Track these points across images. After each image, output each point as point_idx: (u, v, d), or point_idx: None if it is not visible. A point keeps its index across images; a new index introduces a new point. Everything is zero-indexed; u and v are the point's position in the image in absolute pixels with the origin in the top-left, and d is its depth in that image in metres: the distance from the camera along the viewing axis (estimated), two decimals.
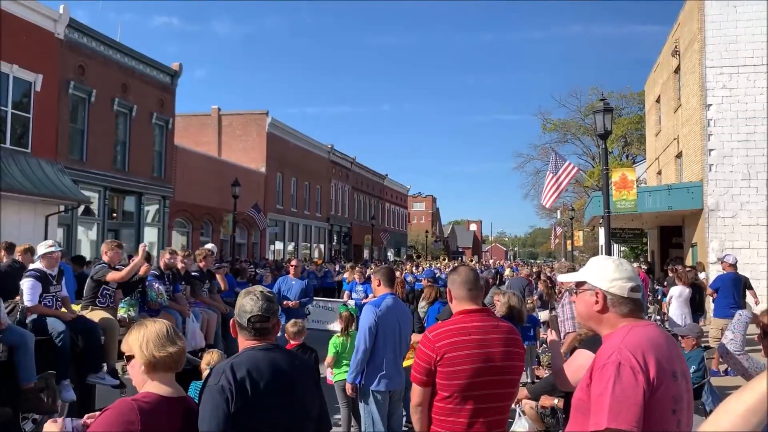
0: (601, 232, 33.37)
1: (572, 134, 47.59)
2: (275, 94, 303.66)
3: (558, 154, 15.45)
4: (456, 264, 28.62)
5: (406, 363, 5.56)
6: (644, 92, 31.38)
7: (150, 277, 7.90)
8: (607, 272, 2.40)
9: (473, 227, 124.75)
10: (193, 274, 9.12)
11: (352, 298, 13.25)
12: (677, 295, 10.96)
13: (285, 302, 9.77)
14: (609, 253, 13.00)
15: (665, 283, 15.09)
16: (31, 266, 6.97)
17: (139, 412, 2.32)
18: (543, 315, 12.72)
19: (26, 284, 6.54)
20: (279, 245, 37.14)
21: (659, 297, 15.98)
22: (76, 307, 7.33)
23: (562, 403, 4.02)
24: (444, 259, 49.01)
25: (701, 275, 14.09)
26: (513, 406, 5.15)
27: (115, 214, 23.03)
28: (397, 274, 18.46)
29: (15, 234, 16.51)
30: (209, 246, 10.98)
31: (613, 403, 2.04)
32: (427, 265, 31.11)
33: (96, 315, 7.05)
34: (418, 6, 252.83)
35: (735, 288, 10.87)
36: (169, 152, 25.66)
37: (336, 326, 11.64)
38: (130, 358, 2.51)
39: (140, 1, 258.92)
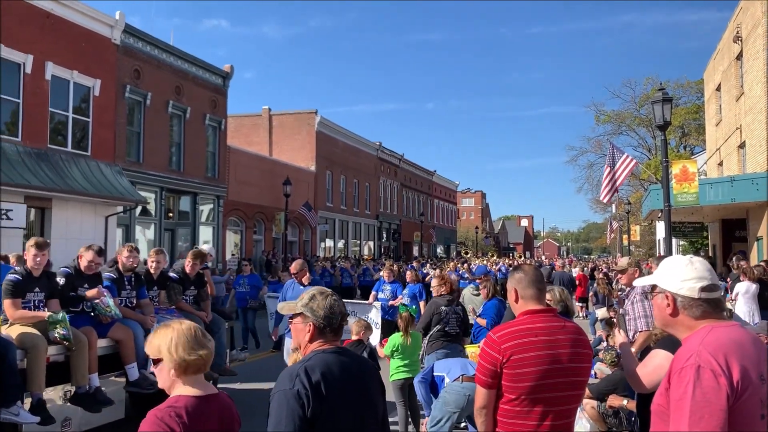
0: (659, 226, 32.37)
1: (627, 125, 46.37)
2: (323, 94, 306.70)
3: (615, 146, 15.03)
4: (517, 262, 28.26)
5: None
6: (702, 81, 30.23)
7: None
8: (677, 273, 2.30)
9: (524, 222, 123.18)
10: (171, 276, 7.81)
11: (378, 299, 11.62)
12: (744, 292, 10.48)
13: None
14: (669, 247, 12.58)
15: (728, 279, 14.50)
16: None
17: (177, 418, 2.30)
18: (600, 312, 12.38)
19: None
20: (329, 243, 37.44)
21: (722, 293, 15.33)
22: None
23: (634, 405, 3.86)
24: (492, 256, 48.53)
25: None
26: None
27: (171, 214, 23.61)
28: (436, 272, 18.21)
29: (77, 234, 17.15)
30: (206, 248, 9.22)
31: (694, 408, 1.96)
32: (476, 261, 30.81)
33: (15, 330, 5.49)
34: (462, 1, 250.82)
35: None
36: (222, 152, 26.15)
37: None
38: (157, 361, 2.46)
39: (190, 4, 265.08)
